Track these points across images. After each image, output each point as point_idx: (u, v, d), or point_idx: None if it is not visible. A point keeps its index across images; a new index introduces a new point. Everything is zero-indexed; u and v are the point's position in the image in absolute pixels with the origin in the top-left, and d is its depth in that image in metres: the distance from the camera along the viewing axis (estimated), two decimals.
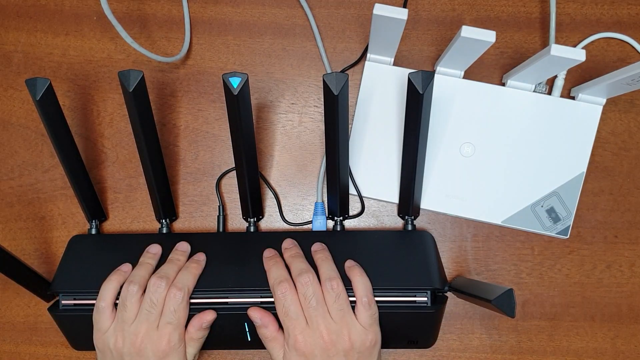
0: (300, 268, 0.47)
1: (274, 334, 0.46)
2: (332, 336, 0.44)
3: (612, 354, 0.54)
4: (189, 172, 0.56)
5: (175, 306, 0.46)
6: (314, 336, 0.44)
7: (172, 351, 0.45)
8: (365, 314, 0.45)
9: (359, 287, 0.47)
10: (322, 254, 0.49)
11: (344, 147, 0.47)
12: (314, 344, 0.44)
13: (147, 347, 0.45)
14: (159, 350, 0.45)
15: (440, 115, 0.54)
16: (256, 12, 0.57)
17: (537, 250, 0.55)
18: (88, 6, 0.57)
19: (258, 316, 0.47)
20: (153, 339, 0.45)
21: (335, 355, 0.44)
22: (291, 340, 0.44)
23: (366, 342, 0.45)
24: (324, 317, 0.44)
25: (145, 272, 0.48)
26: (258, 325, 0.47)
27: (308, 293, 0.45)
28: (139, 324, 0.45)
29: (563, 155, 0.53)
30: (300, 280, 0.46)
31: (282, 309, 0.45)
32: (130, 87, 0.44)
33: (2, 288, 0.56)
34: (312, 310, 0.45)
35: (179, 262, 0.49)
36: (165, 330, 0.45)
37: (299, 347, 0.44)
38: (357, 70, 0.56)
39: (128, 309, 0.46)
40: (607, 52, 0.56)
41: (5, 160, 0.56)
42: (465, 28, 0.44)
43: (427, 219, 0.55)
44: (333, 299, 0.45)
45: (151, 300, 0.46)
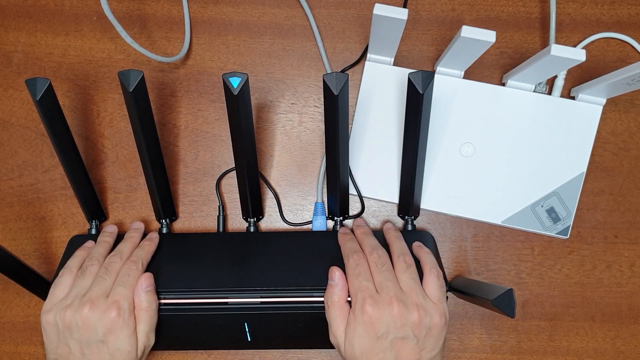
0: (371, 244, 0.48)
1: (341, 301, 0.45)
2: (401, 306, 0.42)
3: (612, 354, 0.54)
4: (189, 172, 0.56)
5: (129, 272, 0.46)
6: (382, 302, 0.43)
7: (122, 322, 0.44)
8: (435, 284, 0.45)
9: (428, 260, 0.47)
10: (395, 233, 0.50)
11: (344, 147, 0.47)
12: (382, 311, 0.42)
13: (95, 318, 0.43)
14: (107, 319, 0.43)
15: (440, 115, 0.54)
16: (256, 12, 0.57)
17: (537, 250, 0.55)
18: (88, 6, 0.57)
19: (337, 274, 0.46)
20: (102, 308, 0.44)
21: (402, 327, 0.42)
22: (359, 305, 0.43)
23: (435, 317, 0.43)
24: (394, 285, 0.44)
25: (103, 249, 0.50)
26: (333, 284, 0.46)
27: (379, 262, 0.46)
28: (90, 292, 0.45)
29: (563, 155, 0.53)
30: (373, 253, 0.46)
31: (354, 272, 0.45)
32: (130, 87, 0.44)
33: (2, 288, 0.56)
34: (383, 278, 0.44)
35: (133, 239, 0.51)
36: (116, 296, 0.44)
37: (367, 312, 0.42)
38: (357, 70, 0.56)
39: (86, 276, 0.46)
40: (607, 52, 0.56)
41: (5, 160, 0.56)
42: (466, 28, 0.44)
43: (427, 219, 0.55)
44: (404, 269, 0.45)
45: (105, 269, 0.46)
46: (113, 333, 0.43)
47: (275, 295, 0.48)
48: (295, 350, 0.55)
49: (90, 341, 0.43)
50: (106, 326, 0.43)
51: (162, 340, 0.50)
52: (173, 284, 0.48)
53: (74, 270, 0.48)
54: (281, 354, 0.55)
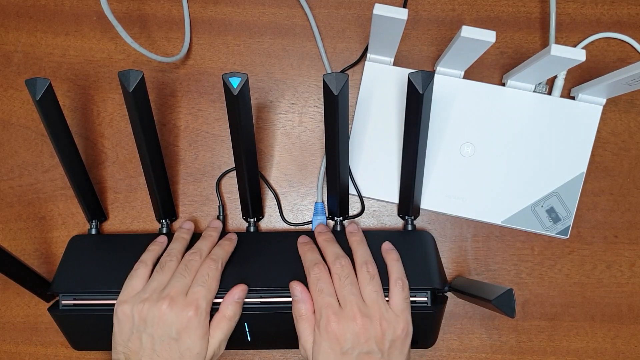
0: (335, 252, 0.47)
1: (308, 314, 0.45)
2: (365, 320, 0.43)
3: (612, 354, 0.54)
4: (189, 172, 0.56)
5: (209, 272, 0.46)
6: (346, 318, 0.43)
7: (197, 322, 0.43)
8: (399, 296, 0.45)
9: (394, 270, 0.47)
10: (357, 237, 0.49)
11: (344, 147, 0.47)
12: (346, 326, 0.43)
13: (172, 315, 0.43)
14: (184, 317, 0.43)
15: (440, 115, 0.54)
16: (256, 12, 0.57)
17: (537, 250, 0.55)
18: (88, 6, 0.57)
19: (299, 290, 0.46)
20: (180, 305, 0.44)
21: (366, 341, 0.43)
22: (323, 321, 0.43)
23: (397, 330, 0.44)
24: (357, 299, 0.44)
25: (181, 245, 0.49)
26: (296, 300, 0.46)
27: (342, 274, 0.45)
28: (169, 288, 0.45)
29: (563, 155, 0.53)
30: (335, 263, 0.46)
31: (316, 287, 0.45)
32: (130, 87, 0.44)
33: (2, 288, 0.56)
34: (346, 292, 0.44)
35: (212, 238, 0.51)
36: (194, 296, 0.44)
37: (331, 328, 0.43)
38: (357, 70, 0.56)
39: (165, 272, 0.46)
40: (607, 52, 0.56)
41: (5, 160, 0.56)
42: (466, 28, 0.44)
43: (427, 219, 0.55)
44: (367, 280, 0.45)
45: (185, 266, 0.46)
46: (187, 332, 0.43)
47: (275, 295, 0.48)
48: (295, 350, 0.55)
49: (163, 337, 0.43)
50: (182, 324, 0.43)
51: None
52: None
53: (149, 264, 0.48)
54: (281, 354, 0.55)
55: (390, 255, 0.48)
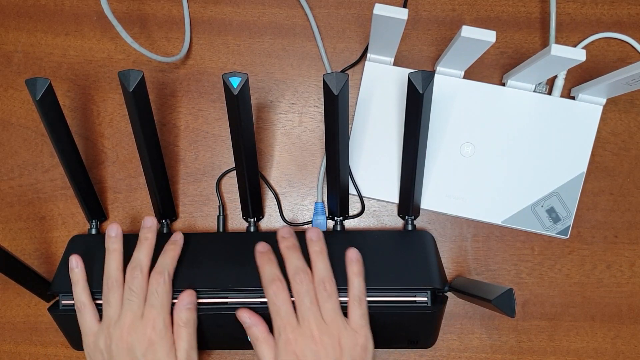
0: (295, 266, 0.46)
1: (264, 335, 0.46)
2: (324, 337, 0.43)
3: (612, 354, 0.54)
4: (189, 172, 0.56)
5: (157, 288, 0.46)
6: (305, 336, 0.43)
7: (159, 339, 0.44)
8: (358, 312, 0.45)
9: (354, 284, 0.46)
10: (317, 246, 0.47)
11: (344, 147, 0.47)
12: (305, 344, 0.43)
13: (133, 339, 0.44)
14: (144, 338, 0.44)
15: (440, 115, 0.54)
16: (256, 12, 0.57)
17: (537, 250, 0.55)
18: (88, 6, 0.57)
19: (247, 316, 0.46)
20: (138, 329, 0.44)
21: (326, 358, 0.43)
22: (282, 339, 0.44)
23: (356, 347, 0.44)
24: (315, 317, 0.44)
25: (117, 263, 0.47)
26: (247, 326, 0.46)
27: (302, 291, 0.45)
28: (123, 318, 0.45)
29: (563, 155, 0.53)
30: (296, 278, 0.45)
31: (274, 307, 0.45)
32: (130, 87, 0.44)
33: (2, 288, 0.56)
34: (305, 310, 0.44)
35: (149, 242, 0.48)
36: (150, 316, 0.45)
37: (290, 347, 0.43)
38: (357, 70, 0.56)
39: (112, 304, 0.46)
40: (607, 52, 0.56)
41: (5, 160, 0.56)
42: (466, 28, 0.44)
43: (427, 219, 0.55)
44: (325, 299, 0.45)
45: (130, 289, 0.46)
46: (152, 351, 0.44)
47: None
48: None
49: None
50: (144, 345, 0.44)
51: None
52: (173, 284, 0.48)
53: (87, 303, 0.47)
54: None
55: (352, 268, 0.46)
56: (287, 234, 0.48)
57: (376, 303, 0.48)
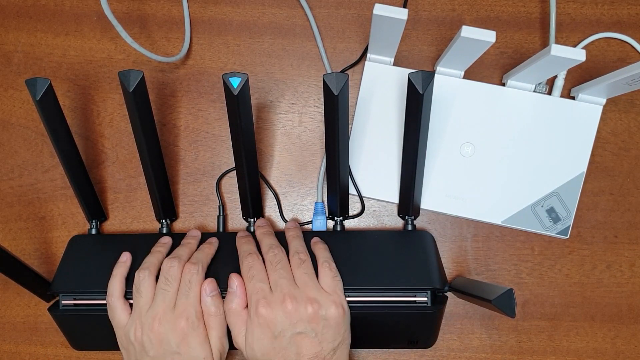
0: (269, 243, 0.48)
1: (239, 308, 0.45)
2: (294, 302, 0.43)
3: (612, 354, 0.54)
4: (189, 172, 0.56)
5: (191, 278, 0.46)
6: (276, 302, 0.43)
7: (192, 330, 0.44)
8: (328, 275, 0.45)
9: (321, 254, 0.47)
10: (294, 232, 0.50)
11: (344, 147, 0.47)
12: (276, 310, 0.43)
13: (166, 330, 0.44)
14: (177, 330, 0.43)
15: (440, 115, 0.54)
16: (256, 12, 0.57)
17: (537, 250, 0.55)
18: (88, 6, 0.57)
19: (236, 283, 0.46)
20: (170, 320, 0.44)
21: (297, 322, 0.42)
22: (253, 307, 0.43)
23: (330, 309, 0.43)
24: (287, 282, 0.44)
25: (155, 259, 0.48)
26: (230, 292, 0.46)
27: (274, 260, 0.46)
28: (155, 307, 0.45)
29: (563, 155, 0.53)
30: (269, 252, 0.47)
31: (248, 274, 0.45)
32: (131, 87, 0.44)
33: (2, 288, 0.56)
34: (277, 276, 0.44)
35: (191, 245, 0.50)
36: (182, 308, 0.44)
37: (262, 313, 0.43)
38: (357, 70, 0.56)
39: (143, 294, 0.45)
40: (607, 52, 0.56)
41: (5, 160, 0.56)
42: (466, 28, 0.44)
43: (427, 219, 0.55)
44: (298, 264, 0.45)
45: (165, 279, 0.46)
46: (185, 342, 0.44)
47: None
48: None
49: (165, 355, 0.44)
50: (178, 336, 0.43)
51: None
52: None
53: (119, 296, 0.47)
54: None
55: (317, 244, 0.49)
56: (263, 223, 0.52)
57: (376, 303, 0.48)
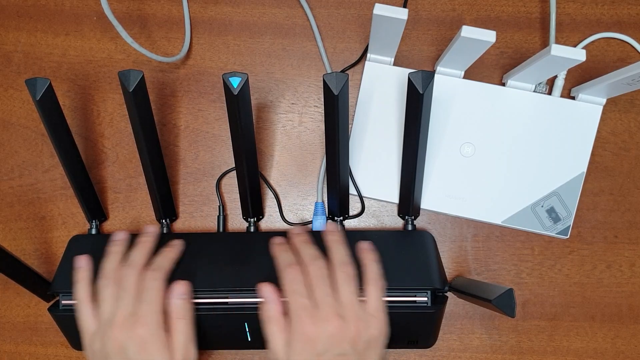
0: (312, 253, 0.46)
1: (277, 315, 0.44)
2: (340, 321, 0.42)
3: (612, 354, 0.54)
4: (189, 172, 0.56)
5: (150, 284, 0.45)
6: (321, 319, 0.42)
7: (150, 336, 0.43)
8: (375, 295, 0.45)
9: (370, 269, 0.46)
10: (336, 236, 0.48)
11: (344, 147, 0.47)
12: (321, 328, 0.42)
13: (125, 338, 0.43)
14: (135, 338, 0.43)
15: (440, 115, 0.54)
16: (256, 12, 0.57)
17: (537, 250, 0.55)
18: (88, 6, 0.57)
19: (268, 290, 0.45)
20: (129, 327, 0.43)
21: (341, 343, 0.42)
22: (298, 323, 0.43)
23: (374, 331, 0.43)
24: (332, 300, 0.43)
25: (114, 263, 0.47)
26: (266, 301, 0.45)
27: (319, 275, 0.44)
28: (115, 315, 0.44)
29: (563, 155, 0.53)
30: (313, 264, 0.45)
31: (291, 289, 0.44)
32: (130, 87, 0.44)
33: (2, 288, 0.56)
34: (322, 293, 0.43)
35: (147, 244, 0.48)
36: (141, 313, 0.44)
37: (306, 330, 0.42)
38: (357, 70, 0.56)
39: (106, 302, 0.45)
40: (607, 52, 0.56)
41: (5, 160, 0.56)
42: (466, 28, 0.44)
43: (427, 219, 0.55)
44: (344, 281, 0.44)
45: (122, 287, 0.45)
46: (144, 350, 0.43)
47: None
48: None
49: None
50: (137, 344, 0.43)
51: None
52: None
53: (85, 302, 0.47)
54: None
55: (368, 254, 0.47)
56: (300, 231, 0.50)
57: None
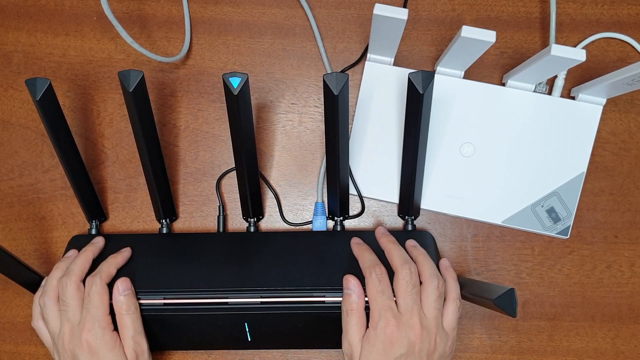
0: (403, 257, 0.46)
1: (360, 309, 0.45)
2: (423, 332, 0.43)
3: (612, 354, 0.54)
4: (189, 172, 0.56)
5: (89, 290, 0.45)
6: (406, 325, 0.43)
7: (97, 341, 0.44)
8: (453, 315, 0.46)
9: (452, 288, 0.47)
10: (420, 250, 0.48)
11: (344, 147, 0.47)
12: (404, 333, 0.43)
13: (74, 346, 0.44)
14: (83, 344, 0.44)
15: (441, 115, 0.54)
16: (256, 12, 0.57)
17: (537, 250, 0.55)
18: (88, 6, 0.57)
19: (353, 283, 0.45)
20: (76, 336, 0.44)
21: (419, 352, 0.43)
22: (382, 322, 0.43)
23: (447, 348, 0.45)
24: (419, 309, 0.44)
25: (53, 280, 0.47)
26: (348, 293, 0.45)
27: (410, 281, 0.44)
28: (62, 328, 0.45)
29: (563, 155, 0.53)
30: (404, 267, 0.45)
31: (377, 289, 0.44)
32: (130, 87, 0.44)
33: (2, 288, 0.56)
34: (410, 300, 0.44)
35: (85, 254, 0.48)
36: (84, 321, 0.44)
37: (390, 331, 0.43)
38: (357, 70, 0.56)
39: (50, 320, 0.46)
40: (607, 52, 0.56)
41: (5, 160, 0.56)
42: (466, 28, 0.44)
43: (427, 219, 0.55)
44: (433, 296, 0.45)
45: (62, 300, 0.45)
46: (95, 354, 0.44)
47: (275, 295, 0.48)
48: (296, 350, 0.54)
49: None
50: (85, 350, 0.44)
51: (163, 340, 0.50)
52: (173, 284, 0.48)
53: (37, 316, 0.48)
54: (281, 354, 0.55)
55: (448, 272, 0.48)
56: (386, 231, 0.51)
57: None
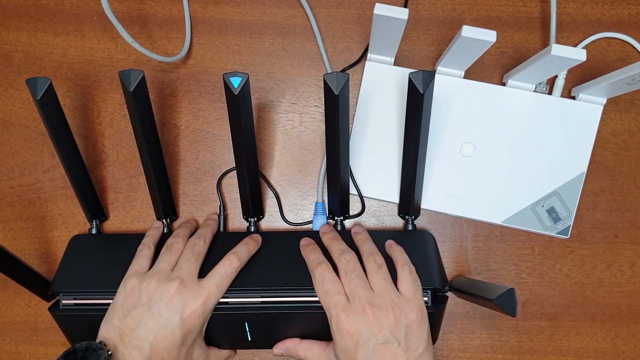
0: (339, 248, 0.47)
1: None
2: (375, 310, 0.42)
3: (612, 354, 0.54)
4: (190, 172, 0.56)
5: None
6: (356, 312, 0.42)
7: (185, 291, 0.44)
8: (408, 279, 0.45)
9: (399, 257, 0.47)
10: (363, 235, 0.50)
11: (344, 147, 0.47)
12: (358, 321, 0.42)
13: (157, 295, 0.44)
14: (169, 292, 0.44)
15: (441, 115, 0.54)
16: (256, 12, 0.57)
17: (538, 250, 0.55)
18: (88, 6, 0.57)
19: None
20: (164, 280, 0.45)
21: (380, 331, 0.42)
22: (334, 320, 0.43)
23: (411, 315, 0.43)
24: (365, 291, 0.43)
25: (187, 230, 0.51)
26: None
27: (348, 268, 0.45)
28: (178, 270, 0.45)
29: (563, 155, 0.53)
30: (341, 258, 0.45)
31: (322, 289, 0.44)
32: (131, 87, 0.44)
33: (2, 288, 0.56)
34: (353, 285, 0.44)
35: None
36: (180, 273, 0.45)
37: (343, 326, 0.42)
38: (358, 70, 0.56)
39: (172, 253, 0.47)
40: (607, 52, 0.56)
41: (6, 160, 0.56)
42: (466, 28, 0.44)
43: (428, 218, 0.55)
44: (375, 270, 0.45)
45: (168, 248, 0.48)
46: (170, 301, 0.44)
47: (276, 295, 0.48)
48: None
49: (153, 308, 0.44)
50: (169, 295, 0.44)
51: None
52: None
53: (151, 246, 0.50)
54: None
55: (394, 247, 0.49)
56: (328, 229, 0.51)
57: None
